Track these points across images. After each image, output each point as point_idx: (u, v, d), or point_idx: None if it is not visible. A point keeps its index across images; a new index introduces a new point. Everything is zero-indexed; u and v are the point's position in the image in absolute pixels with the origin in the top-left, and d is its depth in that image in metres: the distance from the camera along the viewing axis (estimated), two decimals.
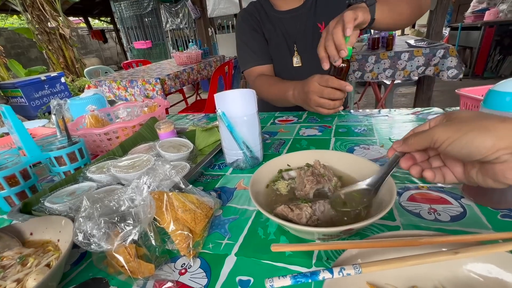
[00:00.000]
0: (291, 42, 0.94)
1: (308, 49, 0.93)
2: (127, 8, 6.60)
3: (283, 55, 0.96)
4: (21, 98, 4.56)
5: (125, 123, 0.73)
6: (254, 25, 0.96)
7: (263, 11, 0.96)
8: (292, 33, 0.93)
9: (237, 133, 0.54)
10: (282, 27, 0.94)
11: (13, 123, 0.55)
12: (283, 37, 0.94)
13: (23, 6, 5.85)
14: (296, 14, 0.91)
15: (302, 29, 0.92)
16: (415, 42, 2.01)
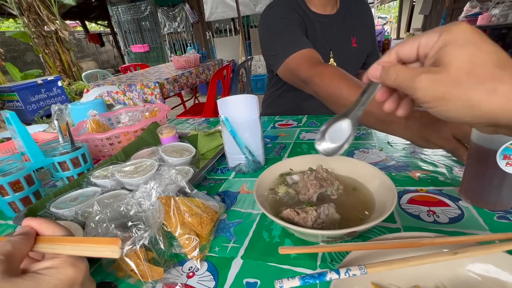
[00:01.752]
0: (327, 47, 0.90)
1: (341, 59, 0.91)
2: (124, 12, 6.62)
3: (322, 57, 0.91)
4: (17, 102, 4.54)
5: (127, 128, 0.74)
6: (296, 15, 0.83)
7: (299, 7, 0.86)
8: (328, 37, 0.89)
9: (239, 138, 0.55)
10: (319, 29, 0.88)
11: (18, 129, 0.55)
12: (321, 40, 0.88)
13: (19, 10, 5.83)
14: (331, 20, 0.89)
15: (337, 36, 0.90)
16: None
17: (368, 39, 0.95)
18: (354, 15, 0.92)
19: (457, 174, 0.48)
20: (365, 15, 0.94)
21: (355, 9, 0.93)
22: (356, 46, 0.92)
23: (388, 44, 1.90)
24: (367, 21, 0.94)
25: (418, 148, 0.58)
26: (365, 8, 0.95)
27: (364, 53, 0.96)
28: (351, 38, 0.92)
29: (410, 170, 0.51)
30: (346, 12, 0.91)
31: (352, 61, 0.93)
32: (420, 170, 0.50)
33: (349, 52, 0.91)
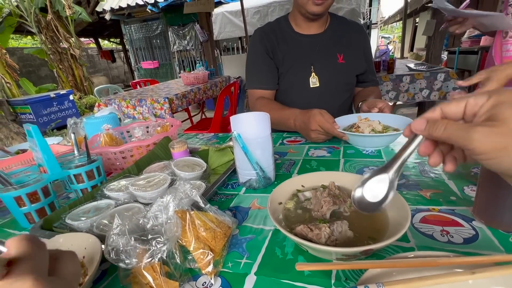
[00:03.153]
0: (308, 63, 0.97)
1: (324, 73, 0.98)
2: (136, 30, 6.92)
3: (299, 75, 0.99)
4: (30, 115, 4.67)
5: (140, 142, 0.76)
6: (267, 47, 0.99)
7: (280, 32, 1.00)
8: (309, 55, 0.97)
9: (251, 154, 0.56)
10: (300, 48, 0.98)
11: (39, 142, 0.57)
12: (300, 58, 0.98)
13: (38, 28, 6.15)
14: (316, 39, 0.98)
15: (320, 53, 0.97)
16: (415, 66, 2.09)
17: (360, 58, 1.00)
18: (344, 34, 0.99)
19: (469, 194, 0.48)
20: (358, 36, 1.00)
21: (346, 29, 1.00)
22: (343, 62, 0.98)
23: (392, 63, 1.95)
24: (360, 41, 1.00)
25: (427, 167, 0.59)
26: (358, 30, 1.01)
27: (353, 69, 1.00)
28: (337, 55, 0.98)
29: (421, 189, 0.51)
30: (335, 31, 0.99)
31: (337, 75, 0.98)
32: (431, 189, 0.50)
33: (334, 67, 0.98)
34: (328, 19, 1.00)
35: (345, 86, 1.01)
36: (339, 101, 1.02)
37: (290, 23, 1.01)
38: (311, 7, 0.87)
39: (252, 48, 1.03)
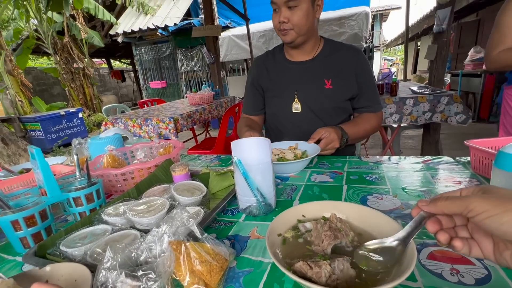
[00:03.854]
0: (293, 89, 1.01)
1: (308, 99, 1.00)
2: (147, 52, 7.21)
3: (285, 100, 1.03)
4: (39, 131, 4.78)
5: (141, 165, 0.76)
6: (256, 76, 1.09)
7: (273, 60, 1.07)
8: (296, 81, 1.01)
9: (251, 180, 0.55)
10: (288, 75, 1.03)
11: (40, 164, 0.58)
12: (287, 84, 1.03)
13: (54, 49, 6.47)
14: (304, 66, 1.01)
15: (306, 79, 1.00)
16: (418, 88, 2.10)
17: (352, 82, 0.98)
18: (336, 60, 0.99)
19: None
20: (351, 60, 0.99)
21: (339, 54, 1.00)
22: (330, 87, 0.98)
23: (396, 86, 1.97)
24: (353, 65, 0.98)
25: (434, 196, 0.57)
26: (353, 54, 0.99)
27: (341, 94, 0.99)
28: (324, 80, 0.99)
29: None
30: (325, 57, 1.00)
31: (322, 100, 1.00)
32: None
33: (320, 93, 0.99)
34: (320, 45, 1.02)
35: (333, 111, 1.01)
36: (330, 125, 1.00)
37: (284, 51, 1.06)
38: (282, 38, 0.95)
39: (249, 74, 1.15)
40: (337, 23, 4.51)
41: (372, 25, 8.42)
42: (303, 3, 0.86)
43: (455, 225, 0.31)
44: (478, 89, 4.09)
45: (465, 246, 0.29)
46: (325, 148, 0.84)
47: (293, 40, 0.93)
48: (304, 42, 0.96)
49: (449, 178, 0.64)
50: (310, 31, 0.93)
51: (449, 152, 2.91)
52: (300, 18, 0.87)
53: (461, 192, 0.30)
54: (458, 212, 0.28)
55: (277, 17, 0.90)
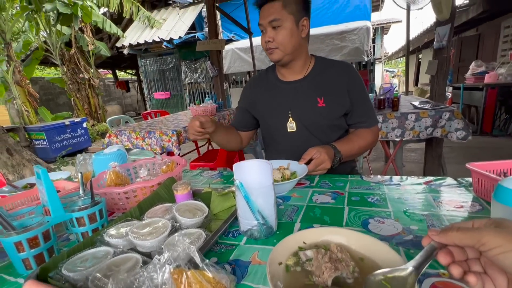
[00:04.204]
0: (286, 109, 1.03)
1: (301, 117, 1.02)
2: (151, 64, 7.36)
3: (279, 120, 1.05)
4: (44, 141, 4.84)
5: (144, 183, 0.77)
6: (248, 95, 1.13)
7: (266, 79, 1.10)
8: (289, 101, 1.02)
9: (253, 203, 0.56)
10: (281, 95, 1.04)
11: (46, 185, 0.59)
12: (280, 104, 1.04)
13: (61, 60, 6.63)
14: (296, 85, 1.02)
15: (299, 98, 1.01)
16: (420, 104, 2.11)
17: (344, 99, 0.99)
18: (327, 77, 1.00)
19: None
20: (343, 77, 0.99)
21: (330, 71, 1.01)
22: (324, 105, 0.99)
23: (397, 101, 1.99)
24: (344, 82, 0.98)
25: (436, 221, 0.57)
26: (344, 71, 1.00)
27: (334, 111, 0.99)
28: (317, 99, 0.99)
29: None
30: (316, 75, 1.01)
31: (316, 118, 1.00)
32: None
33: (313, 111, 1.00)
34: (310, 64, 1.03)
35: (328, 128, 1.01)
36: (325, 143, 1.01)
37: (276, 71, 1.08)
38: (269, 57, 0.98)
39: (243, 91, 1.19)
40: (339, 37, 4.60)
41: (374, 38, 8.57)
42: (286, 23, 0.90)
43: (467, 258, 0.30)
44: (480, 103, 4.10)
45: (479, 281, 0.28)
46: (315, 169, 0.85)
47: (279, 58, 0.95)
48: (292, 60, 0.98)
49: (451, 201, 0.64)
50: (296, 50, 0.95)
51: (452, 166, 2.89)
52: (284, 37, 0.91)
53: (473, 223, 0.29)
54: (470, 244, 0.27)
55: (264, 37, 0.95)
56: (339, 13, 5.21)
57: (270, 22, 0.90)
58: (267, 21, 0.90)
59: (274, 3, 0.90)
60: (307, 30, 0.95)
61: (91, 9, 5.62)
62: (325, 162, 0.85)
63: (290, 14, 0.89)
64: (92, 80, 6.92)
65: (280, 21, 0.89)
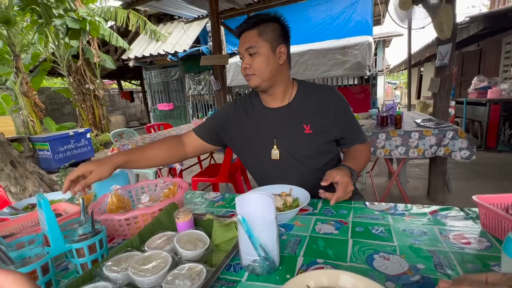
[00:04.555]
0: (271, 136, 1.01)
1: (286, 145, 1.00)
2: (156, 76, 7.48)
3: (263, 147, 1.02)
4: (47, 151, 4.87)
5: (145, 210, 0.76)
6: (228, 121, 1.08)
7: (251, 104, 1.07)
8: (274, 128, 1.01)
9: (255, 238, 0.55)
10: (266, 122, 1.02)
11: (46, 215, 0.58)
12: (264, 131, 1.02)
13: (68, 72, 6.77)
14: (281, 112, 1.01)
15: (284, 125, 1.00)
16: (423, 121, 2.11)
17: (331, 125, 0.98)
18: (313, 103, 1.00)
19: None
20: (327, 101, 0.99)
21: (314, 96, 1.01)
22: (310, 132, 0.97)
23: (400, 118, 1.99)
24: (330, 106, 0.98)
25: (444, 259, 0.55)
26: (328, 95, 1.00)
27: (322, 137, 0.98)
28: (303, 125, 0.98)
29: None
30: (301, 102, 1.01)
31: (303, 146, 0.99)
32: None
33: (300, 139, 0.98)
34: (293, 90, 1.02)
35: (315, 155, 0.99)
36: (313, 169, 1.00)
37: (259, 97, 1.06)
38: (248, 83, 0.98)
39: (223, 108, 1.14)
40: (341, 52, 4.66)
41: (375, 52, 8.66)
42: (262, 50, 0.91)
43: None
44: (483, 118, 4.08)
45: None
46: (345, 195, 0.81)
47: (257, 85, 0.96)
48: (271, 87, 0.98)
49: (458, 236, 0.62)
50: (274, 76, 0.95)
51: (457, 183, 2.85)
52: (260, 64, 0.92)
53: (487, 277, 0.29)
54: None
55: (242, 64, 0.96)
56: (340, 28, 5.31)
57: (247, 49, 0.92)
58: (244, 48, 0.93)
59: (250, 32, 0.92)
60: (284, 57, 0.95)
61: (99, 23, 5.78)
62: (350, 184, 0.81)
63: (266, 42, 0.91)
64: (97, 91, 7.03)
65: (255, 48, 0.91)
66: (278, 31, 0.93)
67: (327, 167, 1.02)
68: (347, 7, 5.20)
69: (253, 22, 0.93)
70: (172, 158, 1.08)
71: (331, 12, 5.32)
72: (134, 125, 11.91)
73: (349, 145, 1.04)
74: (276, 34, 0.93)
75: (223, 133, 1.10)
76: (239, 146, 1.11)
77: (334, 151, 1.05)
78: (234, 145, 1.12)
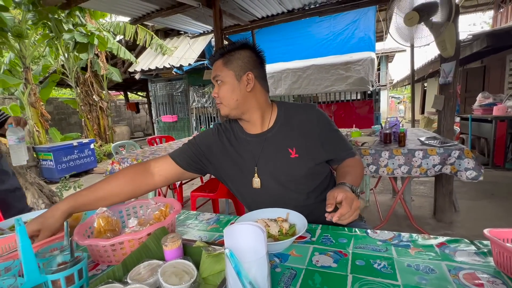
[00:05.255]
0: (252, 164, 0.97)
1: (268, 172, 0.95)
2: (161, 88, 7.59)
3: (245, 175, 0.99)
4: (50, 161, 4.89)
5: (132, 235, 0.72)
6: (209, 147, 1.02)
7: (232, 131, 1.03)
8: (256, 155, 0.97)
9: (244, 275, 0.50)
10: (248, 149, 0.99)
11: (22, 243, 0.55)
12: (246, 159, 0.98)
13: (76, 83, 6.92)
14: (263, 138, 0.97)
15: (266, 152, 0.96)
16: (427, 139, 2.06)
17: (318, 145, 0.95)
18: (295, 125, 0.96)
19: None
20: (311, 122, 0.96)
21: (296, 118, 0.97)
22: (296, 156, 0.93)
23: (404, 136, 1.94)
24: (314, 126, 0.95)
25: None
26: (309, 114, 0.97)
27: (310, 160, 0.94)
28: (288, 150, 0.94)
29: None
30: (282, 126, 0.97)
31: (289, 171, 0.94)
32: None
33: (286, 165, 0.94)
34: (272, 113, 0.99)
35: (304, 178, 0.95)
36: (305, 193, 0.95)
37: (240, 124, 1.02)
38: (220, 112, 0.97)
39: (201, 134, 1.06)
40: (344, 67, 4.68)
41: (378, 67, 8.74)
42: (226, 78, 0.91)
43: None
44: (490, 135, 4.00)
45: None
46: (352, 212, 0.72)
47: (226, 113, 0.95)
48: (243, 114, 0.95)
49: (470, 275, 0.57)
50: (241, 104, 0.92)
51: (465, 202, 2.75)
52: (225, 92, 0.91)
53: None
54: None
55: (212, 93, 0.97)
56: (343, 45, 5.36)
57: (214, 78, 0.93)
58: (212, 77, 0.94)
59: (217, 61, 0.93)
60: (252, 83, 0.92)
61: (107, 38, 5.94)
62: (355, 200, 0.75)
63: (230, 70, 0.90)
64: (101, 102, 7.14)
65: (220, 76, 0.91)
66: (245, 59, 0.91)
67: (320, 188, 0.98)
68: (349, 23, 5.28)
69: (220, 52, 0.93)
70: (136, 191, 0.96)
71: (334, 28, 5.39)
72: (138, 135, 12.01)
73: (340, 162, 1.00)
74: (242, 62, 0.91)
75: (207, 161, 1.03)
76: (223, 175, 1.05)
77: (325, 171, 1.00)
78: (218, 174, 1.06)
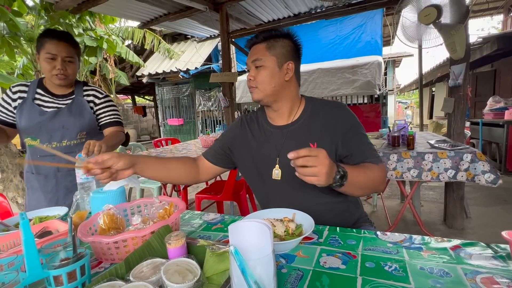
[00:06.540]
0: (275, 155, 0.96)
1: (288, 165, 0.89)
2: (168, 92, 7.68)
3: (265, 167, 0.98)
4: None
5: (135, 232, 0.71)
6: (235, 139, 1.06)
7: (257, 123, 1.04)
8: (278, 147, 0.97)
9: (249, 274, 0.48)
10: (271, 140, 0.99)
11: (24, 237, 0.54)
12: (268, 150, 0.98)
13: None
14: (286, 130, 0.97)
15: (290, 144, 0.95)
16: (436, 142, 2.01)
17: (340, 143, 0.91)
18: (320, 121, 0.94)
19: None
20: (336, 119, 0.93)
21: (322, 114, 0.95)
22: None
23: (413, 139, 1.90)
24: (339, 124, 0.92)
25: None
26: (336, 111, 0.94)
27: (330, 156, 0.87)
28: (310, 145, 0.92)
29: None
30: (307, 119, 0.96)
31: None
32: None
33: None
34: (300, 107, 0.98)
35: None
36: (318, 192, 0.92)
37: (266, 114, 1.03)
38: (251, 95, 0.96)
39: (230, 127, 1.13)
40: (350, 71, 4.66)
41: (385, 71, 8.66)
42: (268, 63, 0.90)
43: None
44: (501, 140, 3.91)
45: None
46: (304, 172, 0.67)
47: (259, 98, 0.93)
48: (274, 102, 0.94)
49: (488, 280, 0.54)
50: (278, 92, 0.92)
51: (476, 209, 2.67)
52: (264, 77, 0.90)
53: None
54: None
55: (248, 75, 0.95)
56: (350, 48, 5.34)
57: (253, 62, 0.92)
58: (251, 60, 0.93)
59: (259, 45, 0.92)
60: (291, 73, 0.92)
61: (116, 43, 6.06)
62: (321, 166, 0.67)
63: (273, 56, 0.90)
64: None
65: (261, 61, 0.90)
66: (287, 47, 0.92)
67: (334, 190, 0.95)
68: (356, 28, 5.26)
69: (264, 36, 0.92)
70: (187, 177, 1.05)
71: (341, 32, 5.39)
72: (145, 139, 12.13)
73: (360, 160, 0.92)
74: (285, 50, 0.91)
75: (231, 152, 1.07)
76: (244, 165, 1.07)
77: None
78: (240, 164, 1.08)
